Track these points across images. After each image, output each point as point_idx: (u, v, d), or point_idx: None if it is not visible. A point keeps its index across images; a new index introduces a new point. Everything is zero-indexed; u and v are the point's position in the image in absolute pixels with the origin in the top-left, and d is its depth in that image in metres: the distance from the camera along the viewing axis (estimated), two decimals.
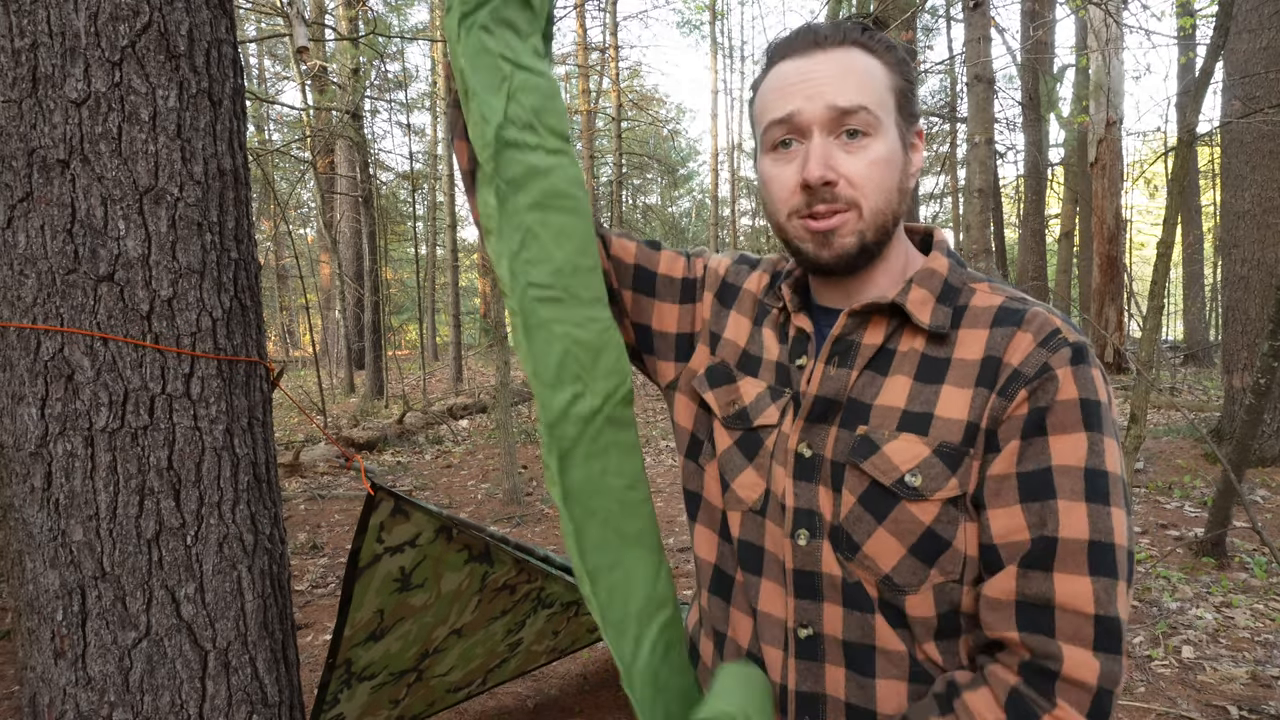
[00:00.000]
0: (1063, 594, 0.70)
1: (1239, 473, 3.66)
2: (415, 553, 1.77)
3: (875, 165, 0.78)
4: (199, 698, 1.36)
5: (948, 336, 0.80)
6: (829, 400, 0.82)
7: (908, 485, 0.76)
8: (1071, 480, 0.71)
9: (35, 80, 1.25)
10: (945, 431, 0.76)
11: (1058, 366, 0.74)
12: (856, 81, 0.78)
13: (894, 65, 0.81)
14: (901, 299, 0.81)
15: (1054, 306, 0.82)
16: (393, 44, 13.87)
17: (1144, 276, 21.04)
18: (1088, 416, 0.72)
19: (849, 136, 0.78)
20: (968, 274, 0.85)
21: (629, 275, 1.00)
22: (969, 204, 4.51)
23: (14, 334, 1.28)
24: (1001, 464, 0.74)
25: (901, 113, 0.81)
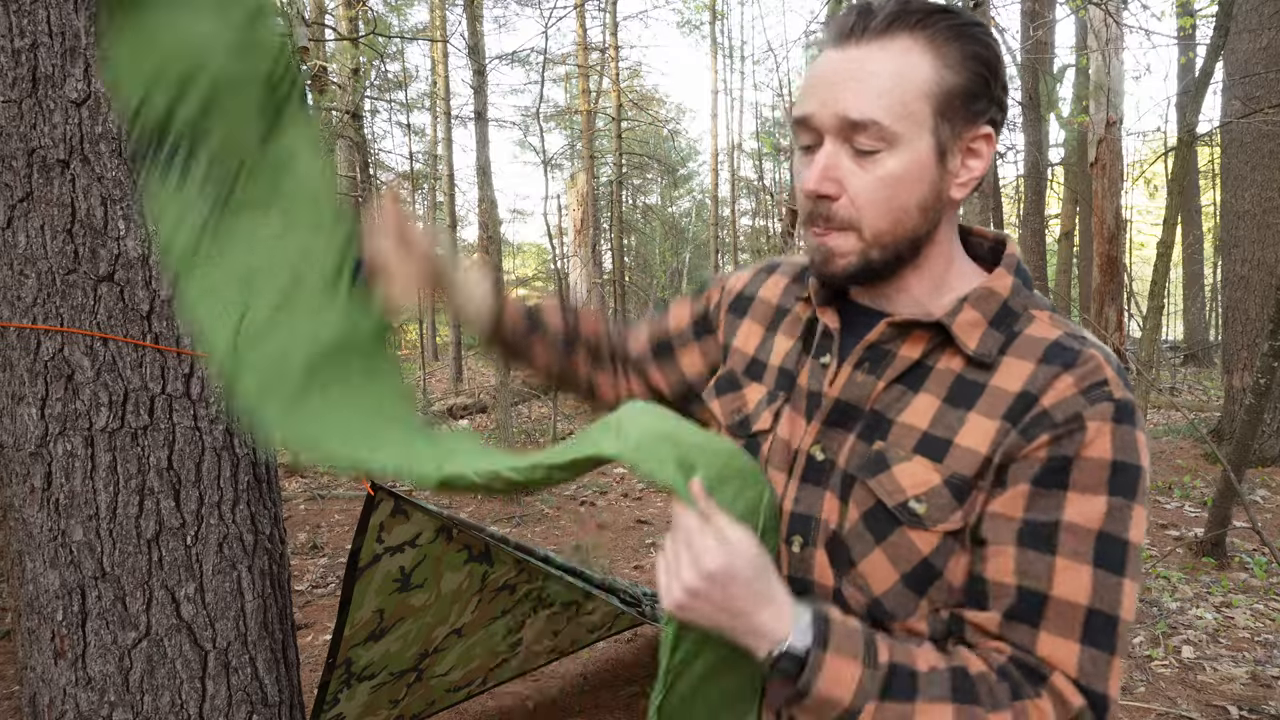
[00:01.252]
0: (1045, 649, 0.68)
1: (1239, 473, 3.66)
2: (415, 553, 1.77)
3: (883, 184, 0.72)
4: (199, 698, 1.36)
5: (993, 363, 0.74)
6: (848, 405, 0.78)
7: (911, 511, 0.72)
8: (1079, 541, 0.67)
9: (35, 80, 1.25)
10: (961, 462, 0.71)
11: (1091, 419, 0.68)
12: (877, 88, 0.70)
13: (954, 59, 0.72)
14: (949, 320, 0.75)
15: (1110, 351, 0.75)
16: (393, 44, 13.87)
17: (1144, 276, 21.04)
18: (1117, 480, 0.68)
19: (862, 148, 0.72)
20: (1033, 298, 0.78)
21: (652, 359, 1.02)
22: (969, 204, 4.51)
23: (14, 334, 1.28)
24: (1007, 504, 0.70)
25: (944, 117, 0.72)
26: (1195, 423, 3.68)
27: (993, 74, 0.73)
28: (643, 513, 5.50)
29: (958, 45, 0.72)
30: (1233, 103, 5.85)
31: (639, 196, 25.35)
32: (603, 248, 19.59)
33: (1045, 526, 0.68)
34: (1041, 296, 0.79)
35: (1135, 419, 0.70)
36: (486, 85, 5.80)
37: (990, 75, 0.73)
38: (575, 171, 18.94)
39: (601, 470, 6.84)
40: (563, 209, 19.59)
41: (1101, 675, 0.67)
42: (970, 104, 0.73)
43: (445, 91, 14.58)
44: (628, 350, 1.04)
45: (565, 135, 22.18)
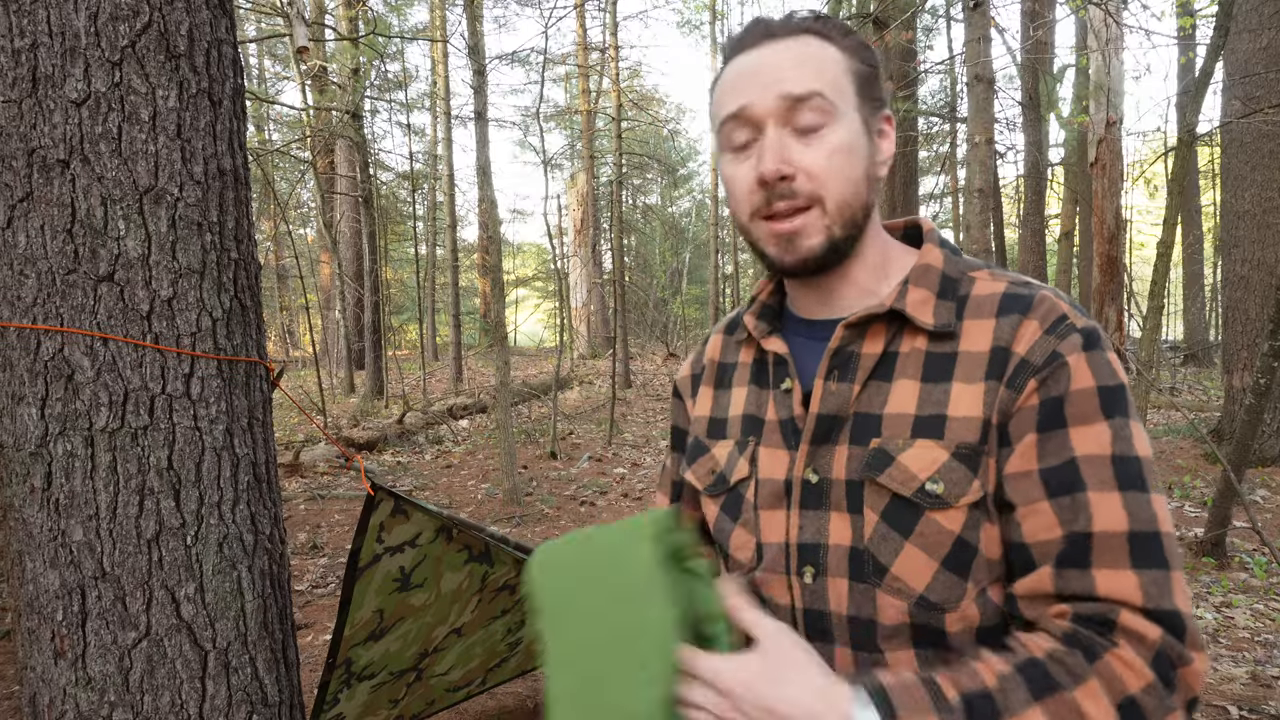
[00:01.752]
0: (1106, 588, 0.65)
1: (1239, 473, 3.66)
2: (415, 553, 1.77)
3: (836, 153, 0.74)
4: (199, 698, 1.36)
5: (954, 331, 0.75)
6: (832, 418, 0.77)
7: (929, 493, 0.71)
8: (1099, 469, 0.67)
9: (35, 80, 1.25)
10: (962, 431, 0.71)
11: (1068, 353, 0.70)
12: (812, 68, 0.74)
13: (853, 50, 0.77)
14: (900, 304, 0.76)
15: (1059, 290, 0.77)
16: (393, 44, 13.87)
17: (1144, 276, 21.04)
18: (1107, 403, 0.69)
19: (805, 126, 0.74)
20: (964, 262, 0.80)
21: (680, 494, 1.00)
22: (969, 204, 4.51)
23: (14, 334, 1.28)
24: (1020, 460, 0.70)
25: (863, 97, 0.77)
26: (1195, 423, 3.69)
27: (877, 72, 0.79)
28: None
29: (850, 40, 0.78)
30: (1233, 103, 5.85)
31: (639, 196, 25.34)
32: (603, 248, 19.59)
33: (1064, 469, 0.68)
34: (972, 259, 0.82)
35: (1102, 342, 0.71)
36: (486, 85, 5.80)
37: (877, 73, 0.79)
38: (575, 171, 18.94)
39: (601, 470, 6.84)
40: (563, 209, 19.59)
41: (1166, 593, 0.65)
42: (874, 89, 0.79)
43: (445, 91, 14.59)
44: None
45: (565, 135, 22.17)
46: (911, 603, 0.72)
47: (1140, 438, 0.69)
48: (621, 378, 12.14)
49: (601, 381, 13.34)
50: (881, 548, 0.73)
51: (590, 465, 7.08)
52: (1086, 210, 11.34)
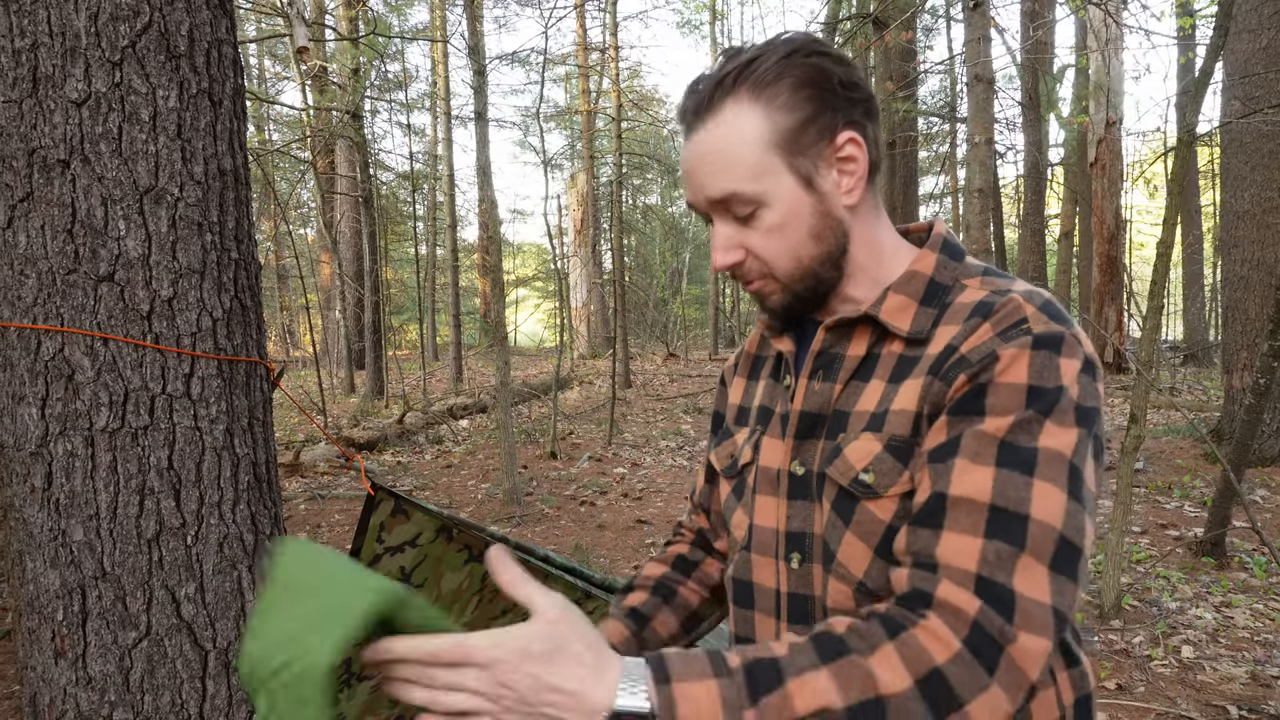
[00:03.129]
0: (945, 550, 0.65)
1: (1239, 473, 3.66)
2: (415, 553, 1.77)
3: (770, 235, 0.77)
4: (199, 697, 1.36)
5: (928, 336, 0.76)
6: (814, 415, 0.81)
7: (861, 483, 0.74)
8: (980, 444, 0.66)
9: (36, 80, 1.25)
10: (896, 424, 0.74)
11: (1005, 350, 0.68)
12: (723, 163, 0.76)
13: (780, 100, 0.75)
14: (875, 310, 0.79)
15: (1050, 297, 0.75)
16: (393, 44, 13.87)
17: (1144, 276, 21.04)
18: (1033, 400, 0.66)
19: (739, 215, 0.78)
20: (963, 267, 0.80)
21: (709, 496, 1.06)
22: (969, 204, 4.51)
23: (14, 334, 1.28)
24: (928, 440, 0.71)
25: (796, 152, 0.75)
26: (1195, 423, 3.69)
27: (826, 88, 0.76)
28: (643, 513, 5.50)
29: (780, 84, 0.75)
30: (1232, 103, 5.85)
31: (639, 196, 25.35)
32: (603, 248, 19.59)
33: (951, 441, 0.68)
34: (975, 263, 0.81)
35: (1062, 347, 0.68)
36: (486, 85, 5.80)
37: (825, 91, 0.76)
38: (575, 171, 18.94)
39: (601, 470, 6.84)
40: (563, 209, 19.59)
41: (1005, 568, 0.63)
42: (813, 126, 0.76)
43: (445, 91, 14.59)
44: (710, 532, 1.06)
45: (565, 135, 22.18)
46: (853, 588, 0.76)
47: (1056, 435, 0.66)
48: (621, 378, 12.15)
49: (601, 381, 13.34)
50: (831, 535, 0.77)
51: (590, 465, 7.09)
52: (1086, 210, 11.35)
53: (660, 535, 4.95)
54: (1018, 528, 0.64)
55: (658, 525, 5.20)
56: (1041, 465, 0.65)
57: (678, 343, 20.49)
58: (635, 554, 4.61)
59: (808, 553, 0.80)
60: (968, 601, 0.63)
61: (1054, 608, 0.63)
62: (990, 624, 0.62)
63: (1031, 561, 0.63)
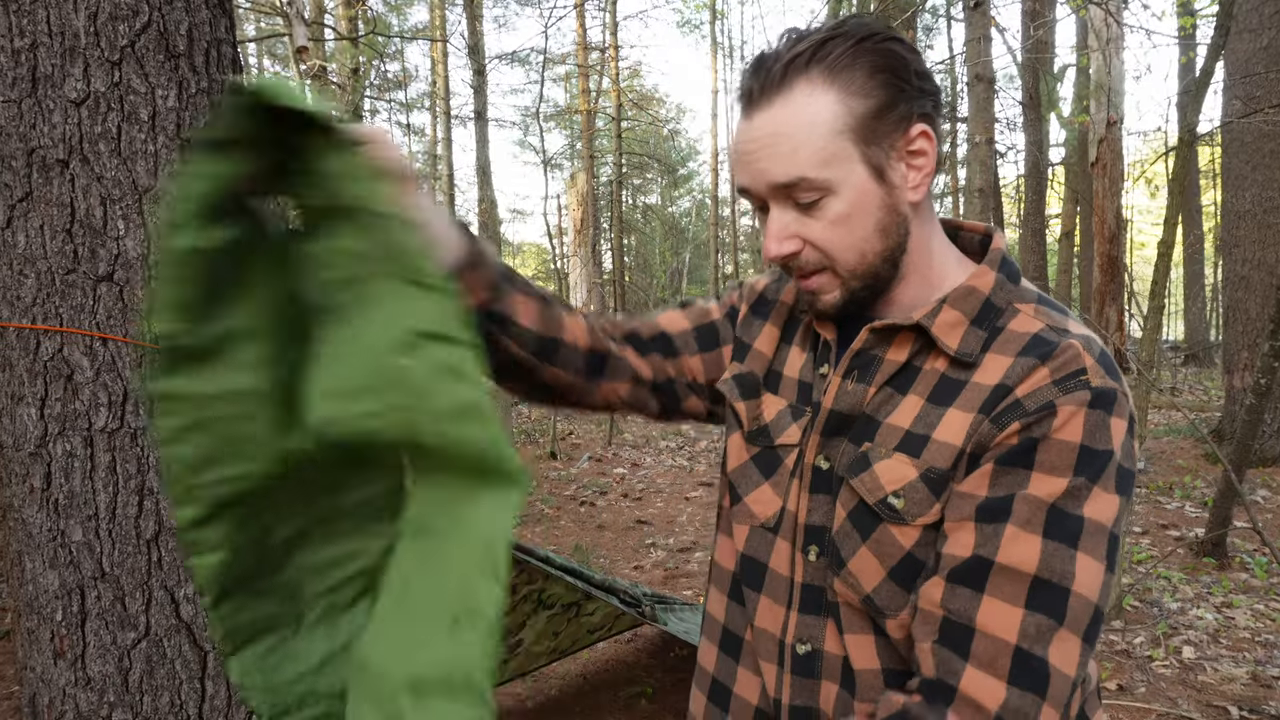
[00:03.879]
0: (985, 618, 0.65)
1: (1239, 473, 3.65)
2: None
3: (835, 225, 0.74)
4: (198, 698, 1.35)
5: (975, 360, 0.74)
6: (843, 415, 0.79)
7: (890, 506, 0.73)
8: (1031, 510, 0.66)
9: (35, 80, 1.24)
10: (937, 456, 0.72)
11: (1064, 405, 0.67)
12: (790, 146, 0.71)
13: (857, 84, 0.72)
14: (929, 321, 0.76)
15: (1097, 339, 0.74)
16: (392, 44, 13.87)
17: (1145, 276, 21.04)
18: (1083, 464, 0.66)
19: (803, 202, 0.74)
20: (1018, 291, 0.77)
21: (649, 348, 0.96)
22: (969, 204, 4.51)
23: (14, 334, 1.28)
24: (971, 484, 0.70)
25: (870, 141, 0.72)
26: (1196, 423, 3.69)
27: (902, 76, 0.73)
28: (643, 513, 5.50)
29: (856, 68, 0.72)
30: (1233, 102, 5.85)
31: (639, 196, 25.35)
32: (603, 248, 19.60)
33: (1002, 501, 0.67)
34: (1030, 288, 0.79)
35: (1114, 407, 0.68)
36: (486, 85, 5.80)
37: (901, 79, 0.73)
38: (575, 171, 18.94)
39: (601, 470, 6.84)
40: (563, 209, 19.59)
41: (1042, 641, 0.64)
42: (889, 115, 0.73)
43: (445, 91, 14.59)
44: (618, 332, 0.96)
45: (565, 135, 22.18)
46: (860, 599, 0.75)
47: (1101, 504, 0.66)
48: None
49: None
50: (844, 543, 0.76)
51: (590, 465, 7.08)
52: (1087, 210, 11.35)
53: (660, 535, 4.95)
54: (1060, 601, 0.64)
55: (658, 525, 5.19)
56: (1086, 536, 0.65)
57: None
58: (635, 554, 4.61)
59: (826, 547, 0.79)
60: (991, 695, 0.63)
61: (1075, 680, 0.65)
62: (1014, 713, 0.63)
63: (1067, 635, 0.64)
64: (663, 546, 4.74)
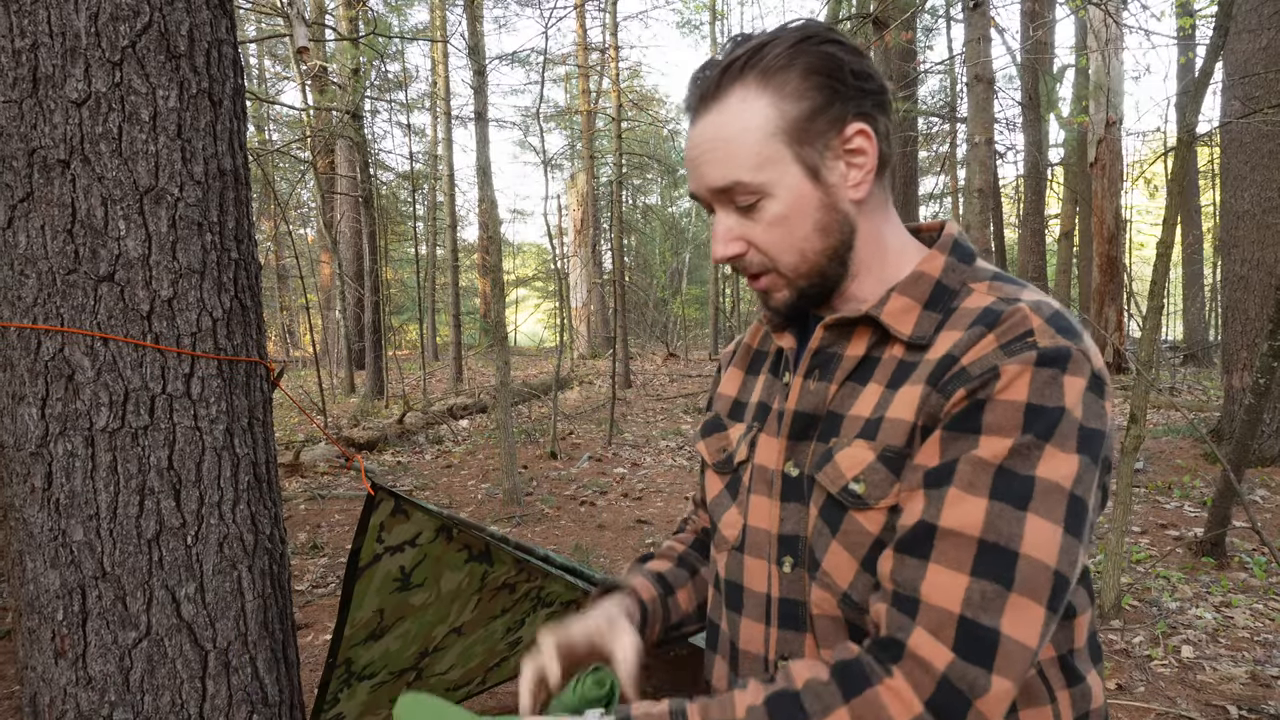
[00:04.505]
0: (929, 587, 0.64)
1: (1238, 472, 3.66)
2: (415, 552, 1.77)
3: (774, 227, 0.75)
4: (199, 697, 1.36)
5: (930, 341, 0.73)
6: (807, 415, 0.79)
7: (851, 493, 0.72)
8: (975, 472, 0.64)
9: (36, 80, 1.25)
10: (891, 434, 0.71)
11: (1008, 366, 0.65)
12: (725, 152, 0.74)
13: (790, 87, 0.73)
14: (877, 311, 0.76)
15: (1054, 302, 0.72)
16: (393, 44, 13.87)
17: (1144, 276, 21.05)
18: (1030, 422, 0.64)
19: (742, 205, 0.75)
20: (971, 271, 0.77)
21: None
22: (969, 204, 4.51)
23: (14, 334, 1.28)
24: (923, 454, 0.68)
25: (804, 142, 0.73)
26: (1195, 423, 3.69)
27: (838, 77, 0.73)
28: (643, 513, 5.50)
29: (790, 71, 0.73)
30: (1232, 103, 5.85)
31: (639, 196, 25.35)
32: (603, 248, 19.60)
33: (949, 465, 0.66)
34: (985, 266, 0.78)
35: (1068, 365, 0.65)
36: (486, 85, 5.80)
37: (836, 80, 0.73)
38: (575, 171, 18.94)
39: (601, 470, 6.84)
40: (563, 209, 19.59)
41: (990, 609, 0.62)
42: (823, 116, 0.73)
43: (445, 91, 14.60)
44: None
45: (565, 135, 22.18)
46: (838, 599, 0.74)
47: (1054, 463, 0.63)
48: (621, 378, 12.15)
49: (601, 381, 13.34)
50: (817, 543, 0.75)
51: (590, 465, 7.09)
52: (1086, 210, 11.35)
53: (660, 535, 4.95)
54: (1006, 565, 0.62)
55: (658, 525, 5.20)
56: (1037, 497, 0.63)
57: (678, 343, 20.49)
58: (635, 554, 4.62)
59: (800, 557, 0.78)
60: (939, 654, 0.62)
61: (1035, 649, 0.63)
62: (960, 678, 0.62)
63: (1022, 601, 0.62)
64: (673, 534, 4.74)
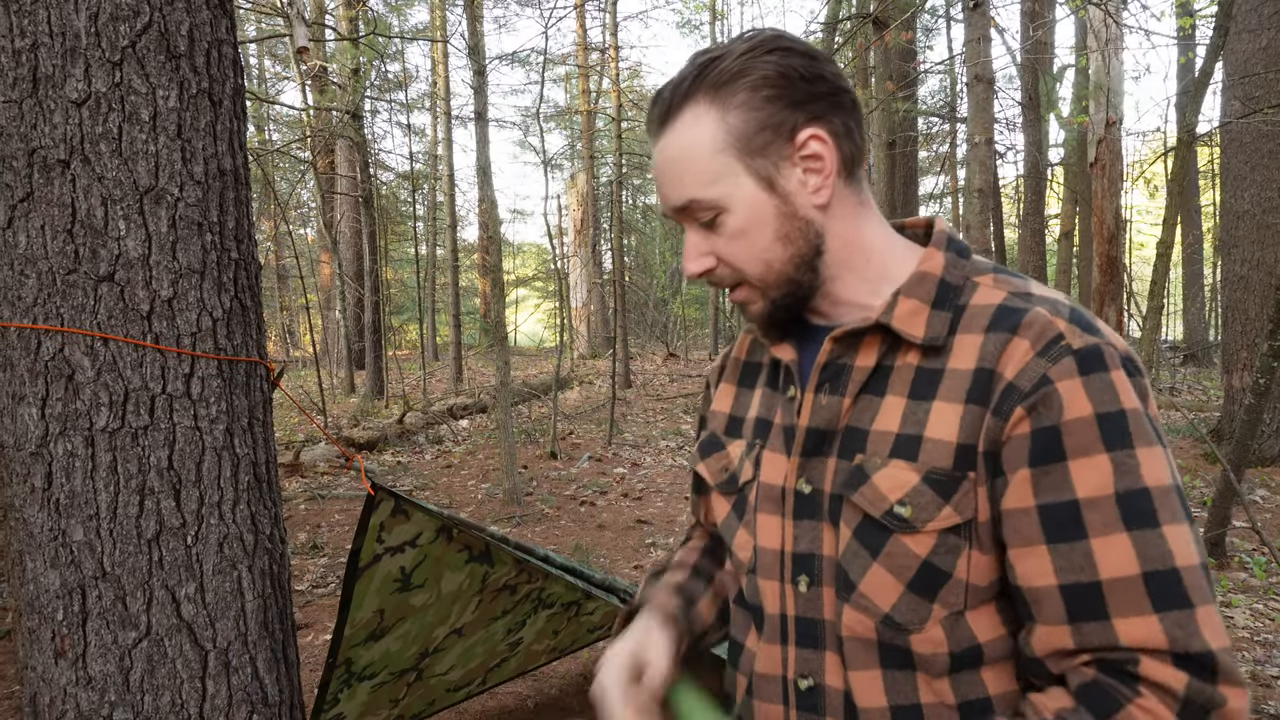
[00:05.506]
0: (1129, 635, 0.63)
1: (1238, 472, 3.66)
2: (416, 553, 1.77)
3: (734, 240, 0.76)
4: (199, 697, 1.36)
5: (945, 345, 0.72)
6: (822, 431, 0.77)
7: (897, 516, 0.70)
8: (1102, 512, 0.64)
9: (36, 80, 1.25)
10: (935, 455, 0.70)
11: (1060, 379, 0.65)
12: (679, 170, 0.75)
13: (737, 101, 0.73)
14: (887, 317, 0.74)
15: (1063, 298, 0.73)
16: (393, 44, 13.87)
17: (1144, 276, 21.04)
18: (1108, 433, 0.64)
19: (705, 221, 0.76)
20: (971, 265, 0.76)
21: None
22: (969, 204, 4.51)
23: (14, 334, 1.28)
24: (1017, 497, 0.67)
25: (755, 153, 0.73)
26: (1195, 423, 3.69)
27: (785, 84, 0.73)
28: (643, 513, 5.50)
29: (738, 83, 0.73)
30: (1232, 103, 5.85)
31: (639, 196, 25.34)
32: (603, 248, 19.60)
33: (1063, 510, 0.65)
34: (983, 260, 0.78)
35: (1105, 361, 0.66)
36: (486, 85, 5.80)
37: (784, 88, 0.73)
38: (575, 171, 18.94)
39: (601, 470, 6.84)
40: (563, 209, 19.59)
41: (1193, 632, 0.62)
42: (772, 125, 0.73)
43: (445, 91, 14.59)
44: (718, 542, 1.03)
45: (565, 135, 22.18)
46: (878, 620, 0.73)
47: (1151, 464, 0.64)
48: (621, 378, 12.14)
49: (601, 381, 13.34)
50: (852, 564, 0.74)
51: (590, 465, 7.09)
52: (1086, 210, 11.35)
53: (660, 535, 4.95)
54: (1176, 587, 0.63)
55: (658, 525, 5.20)
56: (1160, 507, 0.64)
57: (678, 343, 20.49)
58: (635, 554, 4.61)
59: (816, 575, 0.76)
60: (1175, 677, 0.62)
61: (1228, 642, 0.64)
62: (1200, 695, 0.62)
63: (1205, 610, 0.63)
64: (663, 546, 4.74)
